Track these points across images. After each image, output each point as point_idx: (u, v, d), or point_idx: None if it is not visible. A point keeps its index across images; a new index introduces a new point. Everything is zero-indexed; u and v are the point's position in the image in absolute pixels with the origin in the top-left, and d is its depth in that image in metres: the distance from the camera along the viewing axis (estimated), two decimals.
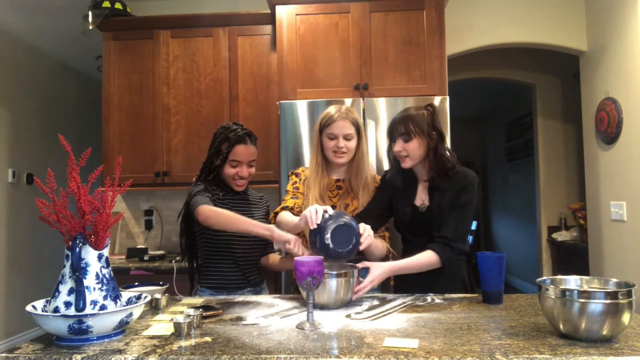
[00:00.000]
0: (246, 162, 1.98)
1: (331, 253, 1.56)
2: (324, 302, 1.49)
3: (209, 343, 1.15)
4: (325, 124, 1.90)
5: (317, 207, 1.61)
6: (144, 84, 3.29)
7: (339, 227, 1.57)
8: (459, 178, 1.78)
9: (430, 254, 1.71)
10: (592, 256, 3.51)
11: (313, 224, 1.57)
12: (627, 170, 3.02)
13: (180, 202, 3.54)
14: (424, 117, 1.79)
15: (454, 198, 1.76)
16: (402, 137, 1.78)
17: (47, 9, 3.74)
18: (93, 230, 1.22)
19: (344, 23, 2.89)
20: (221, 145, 1.96)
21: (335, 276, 1.47)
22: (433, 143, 1.79)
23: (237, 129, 1.98)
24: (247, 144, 1.97)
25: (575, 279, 1.29)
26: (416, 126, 1.77)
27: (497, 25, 3.51)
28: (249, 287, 2.02)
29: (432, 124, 1.79)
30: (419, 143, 1.78)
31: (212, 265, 1.99)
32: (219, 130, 2.01)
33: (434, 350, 1.07)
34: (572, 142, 4.88)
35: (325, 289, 1.47)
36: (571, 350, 1.05)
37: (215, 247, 1.97)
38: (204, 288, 1.99)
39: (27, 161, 4.39)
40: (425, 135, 1.77)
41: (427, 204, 1.82)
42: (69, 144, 1.24)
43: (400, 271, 1.72)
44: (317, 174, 1.92)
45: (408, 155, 1.79)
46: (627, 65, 2.99)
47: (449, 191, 1.77)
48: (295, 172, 2.04)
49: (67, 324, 1.13)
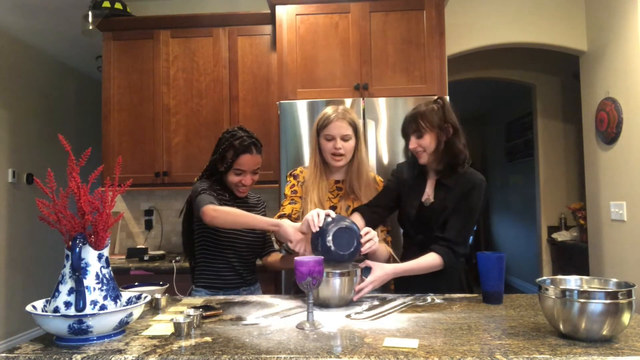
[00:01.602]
0: (250, 171, 1.95)
1: (333, 256, 1.56)
2: (327, 301, 1.49)
3: (209, 343, 1.15)
4: (322, 125, 1.87)
5: (319, 211, 1.61)
6: (144, 84, 3.29)
7: (340, 230, 1.57)
8: (466, 179, 1.78)
9: (434, 257, 1.71)
10: (592, 256, 3.51)
11: (315, 227, 1.57)
12: (627, 170, 3.02)
13: (180, 202, 3.54)
14: (434, 112, 1.79)
15: (458, 199, 1.76)
16: (415, 134, 1.80)
17: (47, 9, 3.74)
18: (93, 230, 1.22)
19: (344, 23, 2.89)
20: (226, 152, 1.92)
21: (339, 275, 1.49)
22: (446, 135, 1.79)
23: (244, 136, 1.93)
24: (253, 153, 1.93)
25: (575, 279, 1.29)
26: (426, 121, 1.77)
27: (497, 25, 3.51)
28: (244, 286, 2.01)
29: (443, 117, 1.79)
30: (432, 137, 1.78)
31: (208, 264, 1.98)
32: (224, 136, 1.96)
33: (434, 350, 1.07)
34: (572, 142, 4.88)
35: (329, 287, 1.48)
36: (571, 350, 1.05)
37: (213, 247, 1.97)
38: (200, 287, 1.98)
39: (27, 161, 4.39)
40: (437, 129, 1.78)
41: (431, 199, 1.82)
42: (69, 144, 1.24)
43: (403, 274, 1.72)
44: (316, 177, 1.90)
45: (424, 150, 1.80)
46: (627, 65, 2.99)
47: (454, 190, 1.77)
48: (293, 173, 2.00)
49: (67, 324, 1.13)
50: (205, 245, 1.98)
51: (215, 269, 1.97)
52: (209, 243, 1.97)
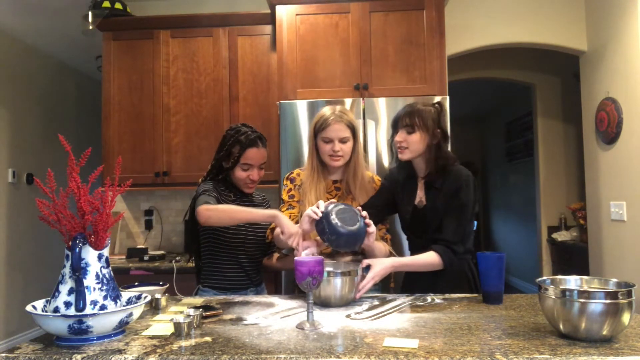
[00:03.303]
0: (257, 165, 1.97)
1: (341, 231, 1.56)
2: (328, 300, 1.50)
3: (209, 343, 1.15)
4: (320, 128, 1.85)
5: (319, 202, 1.63)
6: (144, 84, 3.29)
7: (342, 209, 1.60)
8: (453, 177, 1.78)
9: (432, 255, 1.72)
10: (592, 256, 3.51)
11: (318, 214, 1.59)
12: (627, 170, 3.02)
13: (180, 202, 3.55)
14: (430, 114, 1.80)
15: (449, 199, 1.76)
16: (406, 128, 1.80)
17: (47, 9, 3.73)
18: (93, 230, 1.22)
19: (344, 23, 2.89)
20: (232, 148, 1.94)
21: (340, 274, 1.49)
22: (435, 140, 1.80)
23: (248, 131, 1.96)
24: (259, 147, 1.95)
25: (575, 279, 1.29)
26: (421, 120, 1.78)
27: (497, 25, 3.51)
28: (252, 287, 2.02)
29: (437, 121, 1.81)
30: (421, 137, 1.79)
31: (216, 265, 1.98)
32: (229, 133, 1.98)
33: (434, 350, 1.07)
34: (572, 142, 4.88)
35: (330, 287, 1.48)
36: (571, 350, 1.05)
37: (220, 248, 1.97)
38: (207, 288, 1.98)
39: (27, 161, 4.39)
40: (429, 131, 1.78)
41: (424, 202, 1.83)
42: (69, 144, 1.24)
43: (402, 268, 1.74)
44: (313, 179, 1.89)
45: (408, 147, 1.80)
46: (627, 65, 2.99)
47: (443, 191, 1.78)
48: (290, 177, 1.99)
49: (67, 324, 1.13)
50: (212, 246, 1.97)
51: (222, 269, 1.98)
52: (216, 243, 1.96)
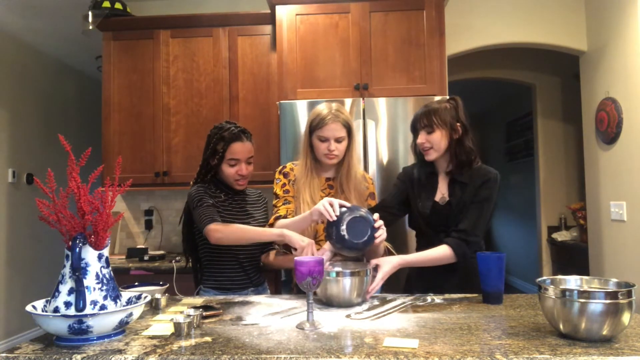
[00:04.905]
0: (244, 159, 1.97)
1: (347, 244, 1.58)
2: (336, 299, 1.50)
3: (209, 343, 1.15)
4: (315, 127, 1.85)
5: (332, 200, 1.63)
6: (144, 84, 3.29)
7: (355, 218, 1.60)
8: (481, 173, 1.79)
9: (445, 248, 1.71)
10: (592, 256, 3.51)
11: (332, 217, 1.59)
12: (627, 170, 3.02)
13: (180, 202, 3.54)
14: (447, 110, 1.80)
15: (475, 192, 1.76)
16: (425, 129, 1.80)
17: (47, 9, 3.74)
18: (93, 230, 1.22)
19: (344, 23, 2.89)
20: (217, 145, 1.95)
21: (350, 274, 1.49)
22: (457, 135, 1.80)
23: (231, 127, 1.96)
24: (243, 141, 1.95)
25: (575, 279, 1.29)
26: (439, 118, 1.78)
27: (497, 25, 3.51)
28: (252, 287, 2.02)
29: (456, 116, 1.80)
30: (442, 134, 1.78)
31: (215, 266, 1.98)
32: (212, 131, 1.99)
33: (434, 350, 1.07)
34: (572, 142, 4.88)
35: (339, 288, 1.49)
36: (571, 350, 1.05)
37: (219, 250, 1.96)
38: (208, 289, 1.98)
39: (27, 161, 4.39)
40: (448, 127, 1.78)
41: (447, 198, 1.82)
42: (69, 144, 1.24)
43: (410, 264, 1.74)
44: (307, 176, 1.89)
45: (432, 147, 1.80)
46: (627, 65, 2.99)
47: (470, 185, 1.77)
48: (283, 171, 1.98)
49: (67, 324, 1.13)
50: (211, 249, 1.97)
51: (221, 269, 1.98)
52: (213, 247, 1.95)
